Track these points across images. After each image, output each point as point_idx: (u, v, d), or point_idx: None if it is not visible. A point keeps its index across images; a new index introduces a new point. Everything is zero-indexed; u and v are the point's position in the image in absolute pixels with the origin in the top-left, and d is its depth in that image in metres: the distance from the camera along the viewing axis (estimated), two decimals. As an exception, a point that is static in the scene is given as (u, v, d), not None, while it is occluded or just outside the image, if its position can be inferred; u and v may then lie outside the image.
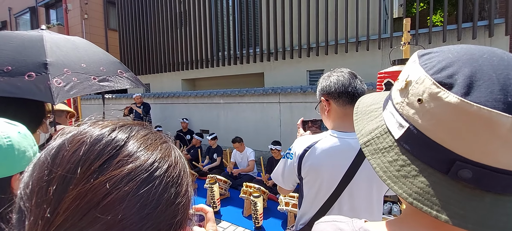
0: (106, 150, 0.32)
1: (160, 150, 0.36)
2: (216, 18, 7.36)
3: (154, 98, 7.87)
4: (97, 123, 0.36)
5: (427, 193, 0.36)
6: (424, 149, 0.37)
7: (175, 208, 0.34)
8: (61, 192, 0.29)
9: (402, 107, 0.40)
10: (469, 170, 0.34)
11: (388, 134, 0.43)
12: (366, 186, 1.08)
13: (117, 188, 0.29)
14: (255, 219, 3.48)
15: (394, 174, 0.39)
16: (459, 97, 0.34)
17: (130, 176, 0.31)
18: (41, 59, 1.30)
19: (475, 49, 0.38)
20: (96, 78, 1.45)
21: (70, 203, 0.28)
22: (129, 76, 1.73)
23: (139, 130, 0.37)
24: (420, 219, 0.42)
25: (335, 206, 1.09)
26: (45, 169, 0.31)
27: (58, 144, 0.33)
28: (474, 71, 0.35)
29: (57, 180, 0.30)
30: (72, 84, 1.32)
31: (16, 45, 1.32)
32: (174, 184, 0.34)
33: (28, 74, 1.23)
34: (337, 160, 1.07)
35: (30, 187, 0.31)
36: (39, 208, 0.29)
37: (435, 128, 0.36)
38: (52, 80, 1.26)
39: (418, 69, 0.39)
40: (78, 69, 1.42)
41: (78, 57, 1.48)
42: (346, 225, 0.48)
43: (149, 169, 0.32)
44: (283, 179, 1.22)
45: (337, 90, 1.12)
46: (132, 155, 0.33)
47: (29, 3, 12.41)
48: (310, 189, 1.12)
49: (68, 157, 0.31)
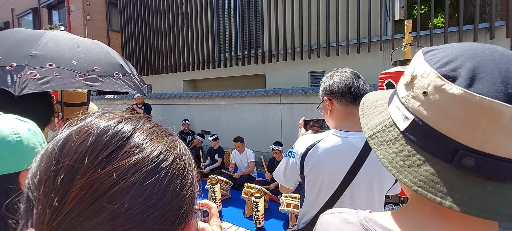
0: (113, 141, 0.32)
1: (166, 142, 0.36)
2: (218, 19, 7.39)
3: (155, 99, 7.89)
4: (103, 115, 0.37)
5: (432, 181, 0.38)
6: (428, 139, 0.39)
7: (181, 199, 0.34)
8: (68, 181, 0.29)
9: (408, 101, 0.42)
10: (472, 158, 0.35)
11: (393, 127, 0.44)
12: (368, 185, 1.09)
13: (124, 178, 0.30)
14: (256, 220, 3.48)
15: (400, 164, 0.41)
16: (462, 88, 0.35)
17: (137, 166, 0.31)
18: (28, 51, 1.30)
19: (477, 46, 0.40)
20: (83, 77, 1.40)
21: (77, 192, 0.29)
22: (127, 79, 1.64)
23: (145, 123, 0.37)
24: (424, 206, 0.43)
25: (337, 205, 1.10)
26: (52, 159, 0.31)
27: (65, 135, 0.34)
28: (476, 65, 0.36)
29: (64, 169, 0.30)
30: (50, 78, 1.28)
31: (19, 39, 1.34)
32: (179, 176, 0.34)
33: (10, 64, 1.23)
34: (339, 159, 1.08)
35: (38, 177, 0.31)
36: (47, 197, 0.29)
37: (440, 118, 0.37)
38: (26, 72, 1.23)
39: (423, 64, 0.41)
40: (64, 65, 1.38)
41: (72, 55, 1.44)
42: (351, 216, 0.50)
43: (155, 160, 0.33)
44: (285, 177, 1.22)
45: (340, 90, 1.12)
46: (138, 146, 0.33)
47: (31, 4, 12.48)
48: (312, 188, 1.13)
49: (75, 147, 0.31)
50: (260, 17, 6.64)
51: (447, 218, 0.41)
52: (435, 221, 0.42)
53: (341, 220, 0.50)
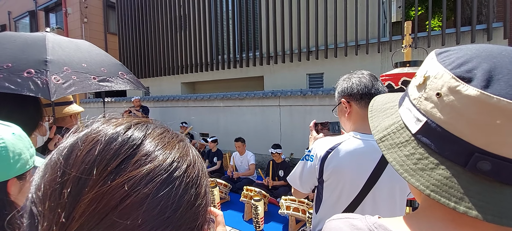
0: (122, 149, 0.30)
1: (178, 148, 0.34)
2: (216, 21, 7.39)
3: (153, 101, 7.86)
4: (110, 120, 0.35)
5: (445, 185, 0.36)
6: (442, 142, 0.38)
7: (196, 210, 0.32)
8: (76, 194, 0.27)
9: (420, 102, 0.41)
10: (489, 162, 0.34)
11: (404, 129, 0.43)
12: (390, 189, 1.05)
13: (136, 190, 0.28)
14: (256, 223, 3.45)
15: (411, 167, 0.40)
16: (479, 89, 0.34)
17: (149, 176, 0.29)
18: (42, 57, 1.31)
19: (493, 47, 0.39)
20: (96, 78, 1.45)
21: (86, 207, 0.26)
22: (131, 78, 1.73)
23: (155, 128, 0.35)
24: (437, 212, 0.42)
25: (358, 210, 1.05)
26: (57, 170, 0.29)
27: (70, 143, 0.31)
28: (493, 67, 0.35)
29: (71, 181, 0.28)
30: (71, 82, 1.32)
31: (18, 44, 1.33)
32: (193, 185, 0.32)
33: (27, 71, 1.23)
34: (361, 163, 1.04)
35: (42, 190, 0.29)
36: (53, 212, 0.27)
37: (454, 120, 0.36)
38: (50, 77, 1.25)
39: (436, 65, 0.40)
40: (78, 68, 1.42)
41: (80, 57, 1.48)
42: (359, 222, 0.48)
43: (168, 169, 0.30)
44: (301, 182, 1.17)
45: (360, 92, 1.10)
46: (150, 154, 0.31)
47: (28, 7, 12.42)
48: (332, 192, 1.08)
49: (82, 157, 0.29)
50: (258, 19, 6.65)
51: (460, 224, 0.40)
52: (448, 227, 0.40)
53: (349, 226, 0.48)
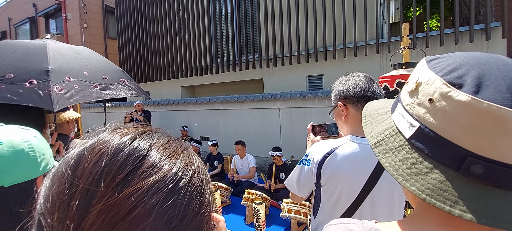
0: (129, 160, 0.30)
1: (183, 157, 0.34)
2: (215, 25, 7.42)
3: (154, 105, 7.88)
4: (116, 130, 0.35)
5: (440, 189, 0.37)
6: (435, 147, 0.38)
7: (200, 219, 0.32)
8: (84, 206, 0.28)
9: (413, 108, 0.42)
10: (481, 165, 0.35)
11: (398, 134, 0.44)
12: (388, 193, 1.04)
13: (143, 200, 0.28)
14: (257, 227, 3.44)
15: (406, 171, 0.40)
16: (470, 95, 0.35)
17: (156, 187, 0.29)
18: (43, 67, 1.30)
19: (480, 55, 0.40)
20: (98, 86, 1.45)
21: (95, 219, 0.27)
22: (132, 84, 1.74)
23: (160, 137, 0.36)
24: (432, 215, 0.43)
25: (356, 215, 1.04)
26: (65, 182, 0.29)
27: (77, 154, 0.32)
28: (482, 73, 0.36)
29: (80, 193, 0.28)
30: (73, 92, 1.32)
31: (19, 53, 1.33)
32: (198, 194, 0.33)
33: (29, 81, 1.23)
34: (358, 167, 1.03)
35: (50, 201, 0.29)
36: (62, 224, 0.28)
37: (446, 125, 0.37)
38: (53, 87, 1.25)
39: (427, 72, 0.41)
40: (80, 77, 1.42)
41: (81, 65, 1.48)
42: (356, 226, 0.49)
43: (174, 179, 0.31)
44: (299, 186, 1.16)
45: (356, 95, 1.08)
46: (155, 164, 0.31)
47: (28, 13, 12.49)
48: (330, 197, 1.07)
49: (89, 168, 0.30)
50: (257, 22, 6.67)
51: (454, 227, 0.40)
52: (442, 230, 0.41)
53: None
